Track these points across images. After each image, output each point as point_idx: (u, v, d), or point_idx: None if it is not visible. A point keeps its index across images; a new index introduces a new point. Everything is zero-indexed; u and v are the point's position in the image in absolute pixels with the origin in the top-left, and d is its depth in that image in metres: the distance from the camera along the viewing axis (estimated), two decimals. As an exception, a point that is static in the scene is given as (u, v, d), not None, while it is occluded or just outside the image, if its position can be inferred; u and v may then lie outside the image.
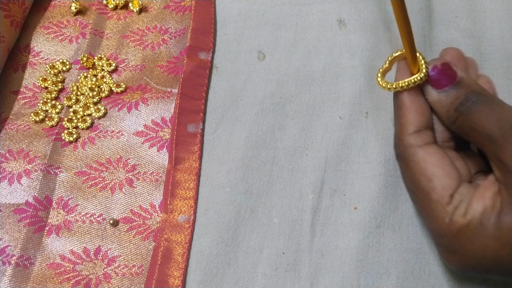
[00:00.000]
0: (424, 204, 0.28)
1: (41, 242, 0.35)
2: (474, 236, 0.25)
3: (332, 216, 0.35)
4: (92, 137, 0.40)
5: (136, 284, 0.34)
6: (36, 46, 0.44)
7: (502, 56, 0.41)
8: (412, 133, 0.28)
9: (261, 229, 0.35)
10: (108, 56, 0.44)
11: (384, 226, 0.35)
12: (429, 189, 0.27)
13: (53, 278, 0.34)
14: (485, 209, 0.25)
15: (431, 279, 0.33)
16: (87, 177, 0.38)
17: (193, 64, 0.41)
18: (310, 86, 0.41)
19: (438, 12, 0.43)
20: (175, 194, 0.36)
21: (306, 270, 0.34)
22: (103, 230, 0.36)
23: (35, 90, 0.42)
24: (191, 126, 0.39)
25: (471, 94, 0.27)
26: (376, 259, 0.34)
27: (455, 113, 0.28)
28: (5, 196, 0.37)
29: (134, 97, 0.41)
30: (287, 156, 0.38)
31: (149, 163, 0.38)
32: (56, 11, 0.46)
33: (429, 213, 0.27)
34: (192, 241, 0.35)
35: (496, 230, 0.25)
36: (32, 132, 0.40)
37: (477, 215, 0.25)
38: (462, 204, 0.26)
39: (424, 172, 0.27)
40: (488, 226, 0.25)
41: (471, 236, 0.26)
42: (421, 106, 0.29)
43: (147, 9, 0.47)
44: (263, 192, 0.36)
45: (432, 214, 0.27)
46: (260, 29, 0.44)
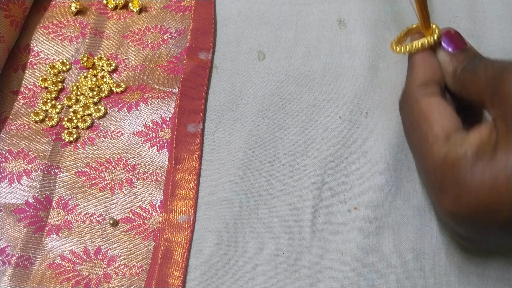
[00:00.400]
0: (421, 143, 0.28)
1: (41, 242, 0.35)
2: (469, 167, 0.25)
3: (332, 216, 0.35)
4: (92, 137, 0.40)
5: (136, 284, 0.34)
6: (36, 46, 0.44)
7: (502, 56, 0.41)
8: (419, 84, 0.30)
9: (261, 229, 0.35)
10: (108, 56, 0.44)
11: (384, 226, 0.35)
12: (428, 130, 0.28)
13: (53, 278, 0.34)
14: (481, 140, 0.25)
15: (431, 279, 0.33)
16: (87, 177, 0.38)
17: (193, 64, 0.41)
18: (310, 86, 0.41)
19: (438, 12, 0.43)
20: (175, 194, 0.36)
21: (306, 270, 0.34)
22: (103, 230, 0.36)
23: (35, 90, 0.42)
24: (191, 126, 0.39)
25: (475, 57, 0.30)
26: (376, 259, 0.34)
27: (461, 73, 0.29)
28: (5, 196, 0.37)
29: (134, 97, 0.41)
30: (287, 156, 0.38)
31: (149, 163, 0.38)
32: (56, 11, 0.46)
33: (425, 151, 0.28)
34: (192, 241, 0.35)
35: (493, 161, 0.24)
36: (32, 132, 0.40)
37: (473, 146, 0.25)
38: (458, 139, 0.27)
39: (426, 116, 0.28)
40: (484, 157, 0.25)
41: (466, 167, 0.25)
42: (432, 63, 0.31)
43: (147, 9, 0.47)
44: (263, 192, 0.36)
45: (427, 151, 0.28)
46: (260, 29, 0.44)
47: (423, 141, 0.28)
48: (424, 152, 0.28)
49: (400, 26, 0.31)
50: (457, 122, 0.28)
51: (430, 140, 0.28)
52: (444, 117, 0.28)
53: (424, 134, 0.28)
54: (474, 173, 0.25)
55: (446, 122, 0.28)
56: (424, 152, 0.28)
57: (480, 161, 0.25)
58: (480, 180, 0.25)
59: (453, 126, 0.28)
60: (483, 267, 0.33)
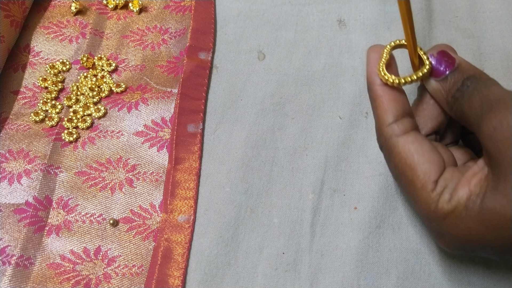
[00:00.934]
0: (410, 191, 0.28)
1: (41, 242, 0.35)
2: (459, 221, 0.25)
3: (332, 216, 0.35)
4: (92, 137, 0.40)
5: (136, 284, 0.34)
6: (36, 46, 0.44)
7: (502, 56, 0.41)
8: (390, 123, 0.28)
9: (261, 229, 0.35)
10: (108, 56, 0.44)
11: (384, 226, 0.35)
12: (413, 177, 0.27)
13: (53, 278, 0.34)
14: (470, 194, 0.25)
15: (431, 279, 0.33)
16: (87, 177, 0.38)
17: (193, 64, 0.41)
18: (310, 86, 0.41)
19: (438, 12, 0.43)
20: (175, 194, 0.36)
21: (306, 270, 0.34)
22: (103, 230, 0.36)
23: (35, 90, 0.42)
24: (191, 126, 0.39)
25: (467, 80, 0.27)
26: (376, 259, 0.34)
27: (452, 100, 0.28)
28: (5, 196, 0.37)
29: (134, 97, 0.41)
30: (287, 156, 0.38)
31: (149, 163, 0.38)
32: (56, 11, 0.46)
33: (416, 200, 0.28)
34: (192, 241, 0.35)
35: (480, 213, 0.25)
36: (32, 132, 0.40)
37: (462, 201, 0.25)
38: (446, 190, 0.26)
39: (406, 161, 0.27)
40: (473, 211, 0.25)
41: (456, 221, 0.26)
42: (394, 94, 0.29)
43: (147, 9, 0.47)
44: (263, 192, 0.36)
45: (419, 200, 0.27)
46: (260, 29, 0.44)
47: (410, 186, 0.28)
48: (414, 198, 0.28)
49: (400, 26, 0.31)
50: (439, 160, 0.27)
51: (418, 186, 0.27)
52: (425, 159, 0.27)
53: (410, 180, 0.27)
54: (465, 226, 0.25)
55: (429, 166, 0.27)
56: (414, 198, 0.28)
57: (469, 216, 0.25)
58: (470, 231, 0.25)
59: (438, 169, 0.27)
60: (484, 267, 0.33)
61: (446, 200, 0.26)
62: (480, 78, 0.27)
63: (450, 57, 0.28)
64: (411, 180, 0.27)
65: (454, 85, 0.28)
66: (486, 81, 0.27)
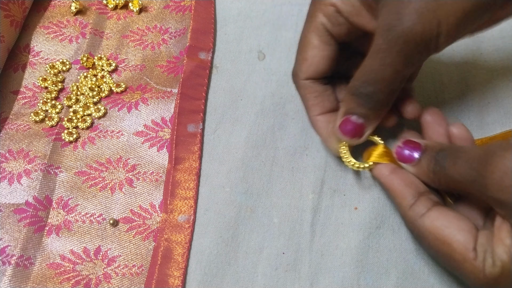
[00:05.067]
0: (454, 265, 0.28)
1: (41, 242, 0.35)
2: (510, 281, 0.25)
3: (332, 216, 0.35)
4: (92, 137, 0.40)
5: (136, 284, 0.34)
6: (36, 46, 0.44)
7: (502, 56, 0.41)
8: (410, 206, 0.29)
9: (261, 229, 0.35)
10: (108, 56, 0.44)
11: (384, 226, 0.35)
12: (451, 251, 0.27)
13: (53, 278, 0.34)
14: (509, 249, 0.25)
15: (431, 279, 0.33)
16: (87, 177, 0.38)
17: (193, 64, 0.41)
18: (310, 86, 0.41)
19: (438, 12, 0.43)
20: (175, 194, 0.36)
21: (306, 270, 0.34)
22: (103, 230, 0.36)
23: (35, 90, 0.42)
24: (191, 126, 0.39)
25: (437, 154, 0.29)
26: (376, 259, 0.34)
27: (435, 176, 0.29)
28: (5, 196, 0.37)
29: (134, 97, 0.41)
30: (287, 156, 0.38)
31: (149, 163, 0.38)
32: (56, 11, 0.46)
33: (463, 274, 0.27)
34: (192, 241, 0.35)
35: None
36: (32, 132, 0.40)
37: (505, 259, 0.25)
38: (487, 254, 0.26)
39: (438, 237, 0.28)
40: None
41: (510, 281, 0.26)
42: (404, 179, 0.30)
43: (147, 9, 0.47)
44: (263, 192, 0.36)
45: (466, 273, 0.27)
46: (260, 29, 0.44)
47: (451, 261, 0.27)
48: (460, 272, 0.27)
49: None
50: (470, 227, 0.27)
51: (459, 259, 0.27)
52: (456, 230, 0.27)
53: (449, 255, 0.27)
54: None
55: (462, 235, 0.27)
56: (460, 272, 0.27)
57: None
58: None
59: (472, 236, 0.27)
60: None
61: (490, 264, 0.26)
62: (451, 148, 0.29)
63: (415, 142, 0.31)
64: (450, 255, 0.27)
65: (430, 162, 0.29)
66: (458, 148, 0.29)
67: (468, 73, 0.40)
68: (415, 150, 0.30)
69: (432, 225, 0.28)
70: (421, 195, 0.29)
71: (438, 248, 0.28)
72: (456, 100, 0.39)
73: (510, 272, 0.25)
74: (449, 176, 0.28)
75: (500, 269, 0.26)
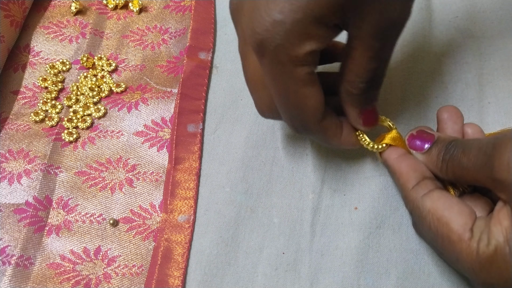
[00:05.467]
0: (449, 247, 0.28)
1: (41, 242, 0.35)
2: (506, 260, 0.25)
3: (332, 216, 0.35)
4: (92, 137, 0.40)
5: (136, 284, 0.34)
6: (36, 46, 0.44)
7: (502, 56, 0.41)
8: (411, 188, 0.30)
9: (261, 229, 0.35)
10: (108, 56, 0.44)
11: (384, 226, 0.35)
12: (448, 232, 0.27)
13: (53, 278, 0.34)
14: (506, 231, 0.25)
15: (431, 279, 0.33)
16: (87, 177, 0.38)
17: (193, 64, 0.41)
18: (310, 86, 0.40)
19: (438, 12, 0.43)
20: (175, 194, 0.36)
21: (306, 270, 0.34)
22: (103, 230, 0.36)
23: (35, 90, 0.42)
24: (191, 126, 0.39)
25: (449, 144, 0.30)
26: (376, 259, 0.34)
27: (443, 164, 0.29)
28: (5, 196, 0.37)
29: (134, 97, 0.41)
30: (287, 156, 0.38)
31: (149, 163, 0.38)
32: (56, 11, 0.46)
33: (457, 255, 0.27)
34: (192, 241, 0.35)
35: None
36: (32, 132, 0.40)
37: (500, 240, 0.25)
38: (483, 234, 0.26)
39: (438, 218, 0.28)
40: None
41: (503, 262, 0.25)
42: (411, 163, 0.31)
43: (147, 9, 0.47)
44: (263, 192, 0.36)
45: (460, 254, 0.27)
46: (260, 29, 0.44)
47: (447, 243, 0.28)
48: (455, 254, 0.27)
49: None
50: (469, 211, 0.28)
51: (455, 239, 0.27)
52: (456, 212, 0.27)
53: (446, 236, 0.27)
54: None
55: (461, 217, 0.27)
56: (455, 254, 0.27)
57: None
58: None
59: (470, 218, 0.27)
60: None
61: (485, 244, 0.26)
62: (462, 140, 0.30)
63: (428, 133, 0.31)
64: (447, 235, 0.27)
65: (440, 151, 0.30)
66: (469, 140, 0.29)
67: (468, 73, 0.40)
68: (427, 142, 0.31)
69: (432, 205, 0.28)
70: (426, 179, 0.30)
71: (437, 229, 0.28)
72: (456, 100, 0.39)
73: (503, 253, 0.25)
74: (458, 163, 0.28)
75: (494, 249, 0.25)
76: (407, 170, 0.31)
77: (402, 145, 0.32)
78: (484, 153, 0.27)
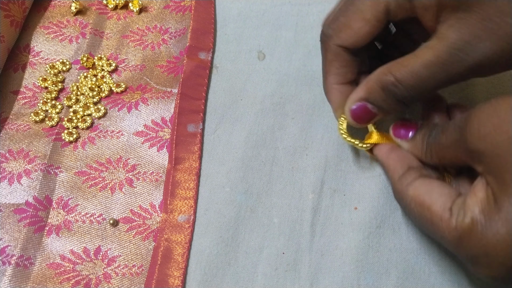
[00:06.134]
0: (433, 229, 0.28)
1: (41, 242, 0.35)
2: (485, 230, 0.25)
3: (332, 216, 0.35)
4: (92, 137, 0.40)
5: (136, 284, 0.34)
6: (36, 46, 0.44)
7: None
8: (398, 178, 0.30)
9: (261, 229, 0.35)
10: (108, 56, 0.44)
11: (384, 226, 0.35)
12: (431, 215, 0.27)
13: (53, 278, 0.34)
14: (480, 202, 0.25)
15: (431, 279, 0.33)
16: (87, 177, 0.38)
17: (193, 64, 0.41)
18: (310, 86, 0.41)
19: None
20: (175, 194, 0.36)
21: (306, 270, 0.34)
22: (103, 230, 0.36)
23: (35, 90, 0.42)
24: (191, 126, 0.39)
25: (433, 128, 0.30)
26: (376, 259, 0.34)
27: (428, 149, 0.30)
28: (5, 196, 0.37)
29: (134, 97, 0.41)
30: (287, 156, 0.38)
31: (149, 163, 0.38)
32: (56, 11, 0.46)
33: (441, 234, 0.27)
34: (192, 241, 0.35)
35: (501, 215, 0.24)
36: (32, 132, 0.40)
37: (476, 211, 0.25)
38: (460, 210, 0.26)
39: (421, 203, 0.28)
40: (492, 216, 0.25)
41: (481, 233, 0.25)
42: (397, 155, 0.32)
43: (147, 9, 0.47)
44: (263, 192, 0.36)
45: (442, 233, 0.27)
46: (260, 29, 0.44)
47: (431, 225, 0.28)
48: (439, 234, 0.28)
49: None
50: (449, 192, 0.28)
51: (437, 221, 0.27)
52: (437, 195, 0.28)
53: (429, 219, 0.28)
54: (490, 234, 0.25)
55: (440, 198, 0.28)
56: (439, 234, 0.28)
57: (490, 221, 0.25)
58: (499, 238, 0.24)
59: (448, 199, 0.27)
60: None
61: (461, 218, 0.26)
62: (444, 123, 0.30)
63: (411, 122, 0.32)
64: (430, 219, 0.28)
65: (424, 136, 0.31)
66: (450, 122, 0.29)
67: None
68: (411, 129, 0.32)
69: (415, 192, 0.29)
70: (411, 168, 0.30)
71: (420, 214, 0.28)
72: (456, 100, 0.39)
73: (480, 223, 0.25)
74: (439, 143, 0.29)
75: (470, 221, 0.25)
76: (394, 162, 0.31)
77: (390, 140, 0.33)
78: (459, 127, 0.27)
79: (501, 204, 0.24)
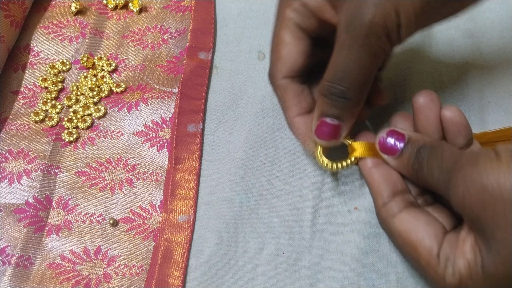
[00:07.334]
0: (420, 269, 0.28)
1: (41, 242, 0.35)
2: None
3: (332, 216, 0.35)
4: (92, 137, 0.40)
5: (136, 284, 0.34)
6: (36, 46, 0.44)
7: (502, 56, 0.41)
8: (384, 204, 0.29)
9: (261, 229, 0.35)
10: (108, 56, 0.44)
11: (384, 226, 0.35)
12: (417, 255, 0.27)
13: (53, 278, 0.34)
14: (468, 264, 0.25)
15: (431, 279, 0.33)
16: (87, 177, 0.38)
17: (193, 64, 0.41)
18: (310, 86, 0.41)
19: (438, 12, 0.43)
20: (175, 194, 0.36)
21: (306, 270, 0.34)
22: (103, 230, 0.36)
23: (35, 90, 0.42)
24: (191, 126, 0.39)
25: (420, 150, 0.29)
26: (376, 259, 0.34)
27: (414, 172, 0.29)
28: (5, 196, 0.37)
29: (134, 97, 0.41)
30: (287, 156, 0.38)
31: (149, 163, 0.38)
32: (56, 11, 0.46)
33: (428, 278, 0.28)
34: (192, 241, 0.35)
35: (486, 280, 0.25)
36: (32, 132, 0.40)
37: (464, 272, 0.26)
38: (449, 262, 0.26)
39: (407, 241, 0.28)
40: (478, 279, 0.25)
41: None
42: (385, 174, 0.30)
43: (147, 9, 0.47)
44: (263, 192, 0.36)
45: (430, 278, 0.27)
46: (260, 29, 0.44)
47: (417, 265, 0.28)
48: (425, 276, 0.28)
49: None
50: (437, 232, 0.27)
51: (423, 264, 0.27)
52: (423, 234, 0.27)
53: (415, 259, 0.27)
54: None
55: (428, 241, 0.27)
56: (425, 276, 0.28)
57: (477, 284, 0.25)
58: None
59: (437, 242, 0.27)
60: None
61: (450, 273, 0.26)
62: (432, 146, 0.28)
63: (399, 133, 0.30)
64: (416, 259, 0.27)
65: (410, 158, 0.29)
66: (438, 148, 0.28)
67: (468, 73, 0.40)
68: (398, 141, 0.30)
69: (401, 227, 0.28)
70: (396, 195, 0.29)
71: (406, 251, 0.28)
72: (456, 100, 0.39)
73: (466, 284, 0.25)
74: (425, 176, 0.28)
75: (458, 281, 0.26)
76: (379, 183, 0.30)
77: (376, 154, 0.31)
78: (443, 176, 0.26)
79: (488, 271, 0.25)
